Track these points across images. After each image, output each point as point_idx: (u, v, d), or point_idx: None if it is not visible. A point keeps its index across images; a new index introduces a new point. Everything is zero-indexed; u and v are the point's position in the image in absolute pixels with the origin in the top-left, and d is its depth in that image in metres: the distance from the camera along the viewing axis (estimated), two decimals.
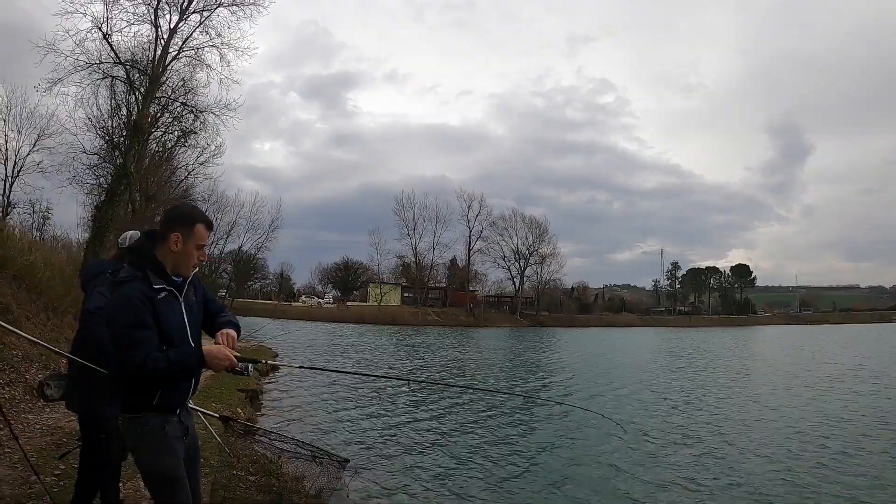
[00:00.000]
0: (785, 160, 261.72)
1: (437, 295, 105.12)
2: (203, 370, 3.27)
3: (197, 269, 3.35)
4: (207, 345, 3.23)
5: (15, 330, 5.44)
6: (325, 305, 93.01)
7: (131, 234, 5.04)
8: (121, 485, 5.27)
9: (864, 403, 16.71)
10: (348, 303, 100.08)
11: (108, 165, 24.77)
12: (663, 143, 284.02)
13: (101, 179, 25.01)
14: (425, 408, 14.85)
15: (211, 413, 7.15)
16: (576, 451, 10.65)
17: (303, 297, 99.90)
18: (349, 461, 6.81)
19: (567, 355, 36.17)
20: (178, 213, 3.35)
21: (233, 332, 3.40)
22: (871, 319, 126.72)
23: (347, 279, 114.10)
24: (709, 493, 8.36)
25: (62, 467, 5.80)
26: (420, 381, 15.07)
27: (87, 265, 5.39)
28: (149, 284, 3.10)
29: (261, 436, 6.29)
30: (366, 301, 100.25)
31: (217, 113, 25.17)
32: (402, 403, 15.44)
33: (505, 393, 13.73)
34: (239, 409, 10.92)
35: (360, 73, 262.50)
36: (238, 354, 3.28)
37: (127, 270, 3.21)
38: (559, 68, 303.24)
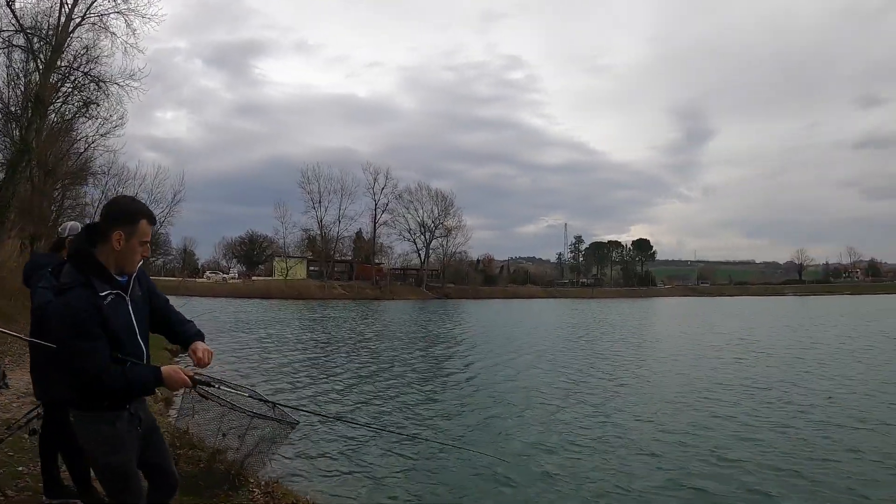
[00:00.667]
0: (689, 142, 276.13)
1: (343, 268, 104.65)
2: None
3: (140, 263, 3.22)
4: (165, 366, 3.17)
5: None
6: (231, 280, 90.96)
7: (71, 226, 5.08)
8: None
9: (739, 369, 18.16)
10: (254, 277, 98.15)
11: (5, 139, 23.71)
12: (571, 120, 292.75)
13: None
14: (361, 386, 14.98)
15: None
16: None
17: (207, 273, 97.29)
18: (298, 422, 7.04)
19: (470, 328, 37.00)
20: (119, 210, 3.13)
21: (208, 349, 3.38)
22: (764, 293, 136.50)
23: (252, 253, 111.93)
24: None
25: None
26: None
27: (29, 260, 5.39)
28: (94, 291, 2.97)
29: (222, 388, 6.36)
30: (271, 275, 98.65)
31: (121, 83, 24.41)
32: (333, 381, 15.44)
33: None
34: None
35: (269, 41, 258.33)
36: (192, 375, 3.24)
37: (69, 274, 3.03)
38: (471, 44, 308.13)
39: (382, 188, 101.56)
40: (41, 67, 21.55)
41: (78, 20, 21.76)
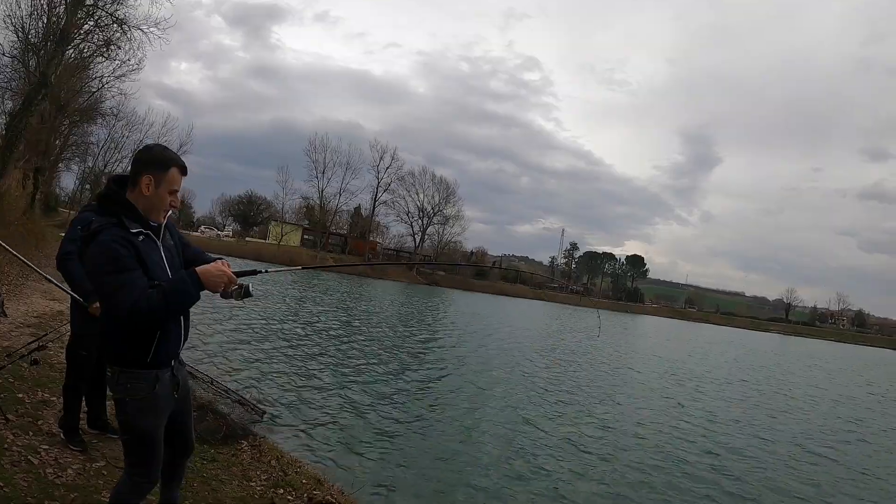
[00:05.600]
0: (693, 166, 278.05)
1: (337, 241, 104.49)
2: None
3: (169, 214, 3.19)
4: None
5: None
6: (224, 238, 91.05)
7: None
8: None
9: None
10: (247, 238, 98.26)
11: (21, 69, 23.76)
12: (579, 128, 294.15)
13: (14, 83, 23.93)
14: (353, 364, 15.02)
15: None
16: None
17: (202, 228, 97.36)
18: (265, 412, 7.46)
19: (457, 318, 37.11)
20: (150, 156, 3.08)
21: (225, 261, 3.21)
22: (749, 326, 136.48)
23: (249, 214, 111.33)
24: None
25: None
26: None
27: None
28: (126, 229, 2.93)
29: (195, 377, 6.70)
30: (265, 238, 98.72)
31: (145, 30, 24.50)
32: (327, 356, 15.50)
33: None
34: None
35: (291, 8, 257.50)
36: (237, 270, 3.12)
37: (98, 220, 2.98)
38: (491, 39, 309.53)
39: (387, 167, 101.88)
40: (68, 2, 21.55)
41: None
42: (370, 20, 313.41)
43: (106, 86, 32.68)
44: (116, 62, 29.01)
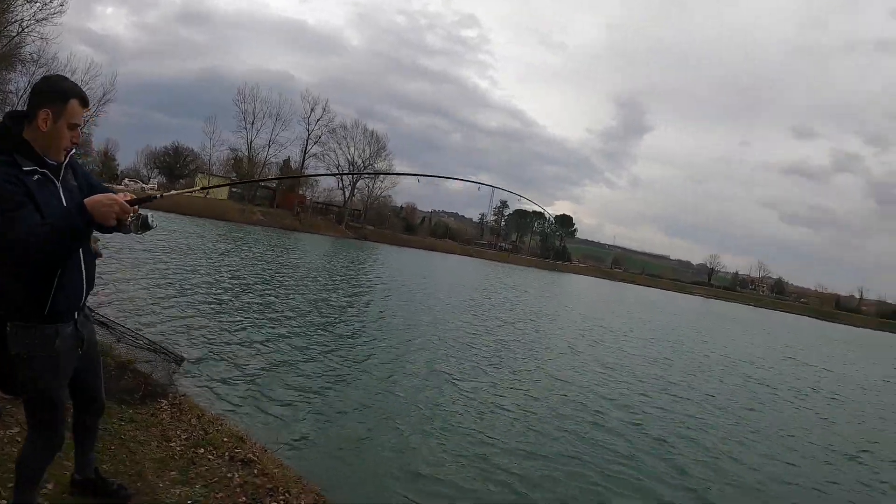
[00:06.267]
0: (624, 131, 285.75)
1: (266, 194, 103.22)
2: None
3: (71, 151, 3.02)
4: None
5: None
6: (149, 191, 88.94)
7: None
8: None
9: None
10: (173, 191, 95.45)
11: None
12: (514, 88, 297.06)
13: None
14: (264, 310, 15.94)
15: None
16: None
17: (126, 180, 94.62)
18: (185, 359, 7.67)
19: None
20: (48, 87, 2.89)
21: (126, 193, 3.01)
22: (673, 288, 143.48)
23: (175, 166, 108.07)
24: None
25: None
26: None
27: None
28: (18, 167, 2.75)
29: (108, 326, 6.88)
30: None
31: None
32: (236, 302, 16.29)
33: None
34: None
35: None
36: (132, 197, 2.89)
37: None
38: None
39: (318, 119, 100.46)
40: None
41: None
42: None
43: (26, 30, 32.06)
44: (37, 4, 28.53)
